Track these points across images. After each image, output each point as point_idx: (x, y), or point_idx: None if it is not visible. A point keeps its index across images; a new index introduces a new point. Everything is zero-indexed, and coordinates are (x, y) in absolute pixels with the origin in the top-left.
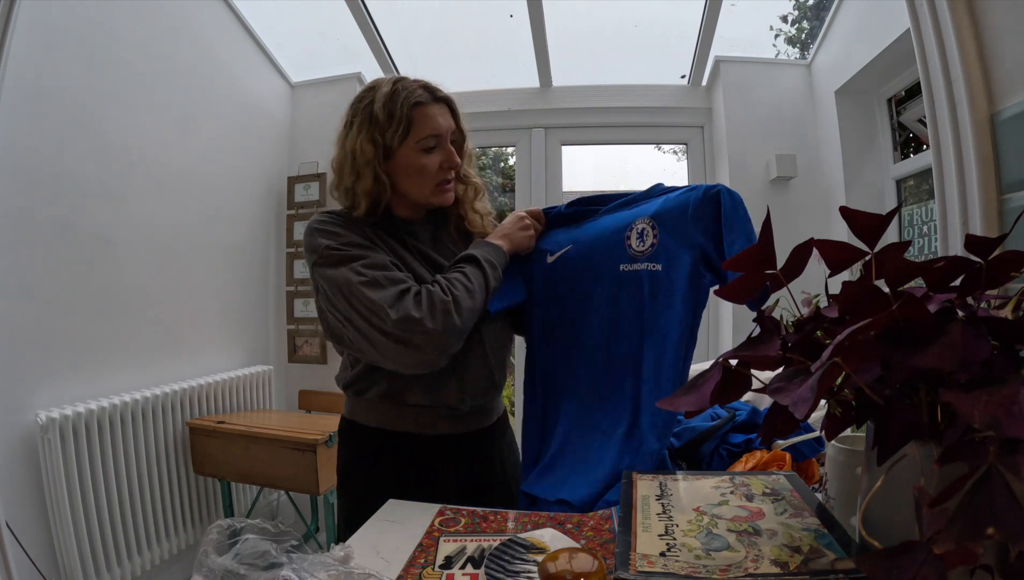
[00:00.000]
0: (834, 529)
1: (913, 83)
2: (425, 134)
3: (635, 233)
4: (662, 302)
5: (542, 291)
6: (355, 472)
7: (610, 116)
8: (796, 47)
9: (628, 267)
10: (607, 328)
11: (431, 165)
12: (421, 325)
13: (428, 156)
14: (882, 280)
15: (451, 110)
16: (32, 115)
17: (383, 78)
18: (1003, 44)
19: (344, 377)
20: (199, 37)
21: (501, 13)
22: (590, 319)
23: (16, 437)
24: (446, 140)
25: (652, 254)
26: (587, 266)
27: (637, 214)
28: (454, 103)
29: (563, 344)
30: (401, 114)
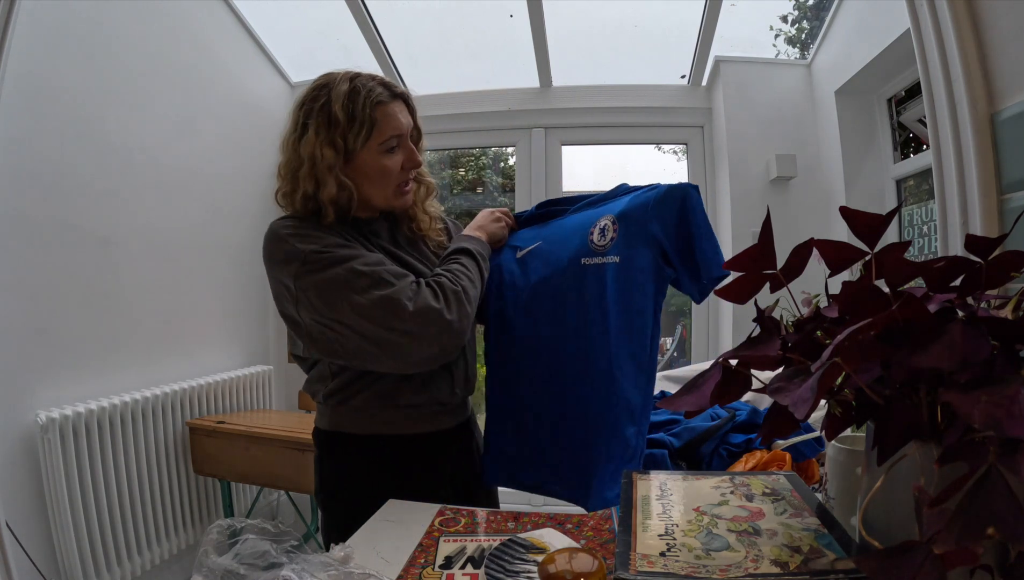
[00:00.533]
0: (834, 529)
1: (913, 83)
2: (388, 135)
3: (598, 229)
4: (622, 293)
5: (509, 284)
6: (346, 484)
7: (610, 116)
8: (796, 47)
9: (589, 260)
10: (568, 318)
11: (393, 166)
12: (441, 316)
13: (390, 157)
14: (882, 280)
15: (408, 106)
16: (32, 115)
17: (335, 74)
18: (1003, 44)
19: (324, 388)
20: (199, 37)
21: (501, 13)
22: (551, 309)
23: (16, 437)
24: (407, 139)
25: (612, 248)
26: (552, 260)
27: (602, 213)
28: (411, 98)
29: (525, 335)
30: (364, 115)
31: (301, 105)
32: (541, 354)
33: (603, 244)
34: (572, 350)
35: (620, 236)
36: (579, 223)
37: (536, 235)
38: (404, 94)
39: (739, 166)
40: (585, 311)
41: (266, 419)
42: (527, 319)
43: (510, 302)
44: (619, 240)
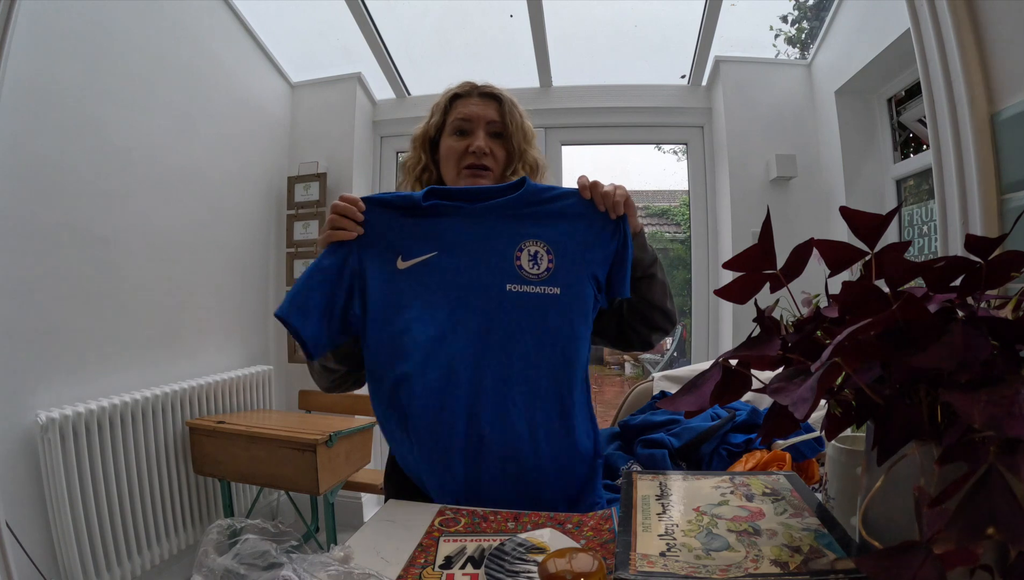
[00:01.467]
0: (834, 529)
1: (913, 83)
2: (454, 118)
3: (526, 254)
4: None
5: (386, 301)
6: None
7: (610, 116)
8: (796, 47)
9: (517, 288)
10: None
11: (457, 147)
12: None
13: (458, 139)
14: (882, 280)
15: (499, 105)
16: (32, 115)
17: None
18: (1003, 44)
19: None
20: (199, 37)
21: (501, 13)
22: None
23: (16, 437)
24: (478, 127)
25: (548, 278)
26: (461, 282)
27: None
28: (505, 99)
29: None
30: (442, 104)
31: None
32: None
33: (537, 273)
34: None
35: (557, 266)
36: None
37: (426, 241)
38: (494, 94)
39: (739, 166)
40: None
41: (266, 419)
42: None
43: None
44: (556, 270)
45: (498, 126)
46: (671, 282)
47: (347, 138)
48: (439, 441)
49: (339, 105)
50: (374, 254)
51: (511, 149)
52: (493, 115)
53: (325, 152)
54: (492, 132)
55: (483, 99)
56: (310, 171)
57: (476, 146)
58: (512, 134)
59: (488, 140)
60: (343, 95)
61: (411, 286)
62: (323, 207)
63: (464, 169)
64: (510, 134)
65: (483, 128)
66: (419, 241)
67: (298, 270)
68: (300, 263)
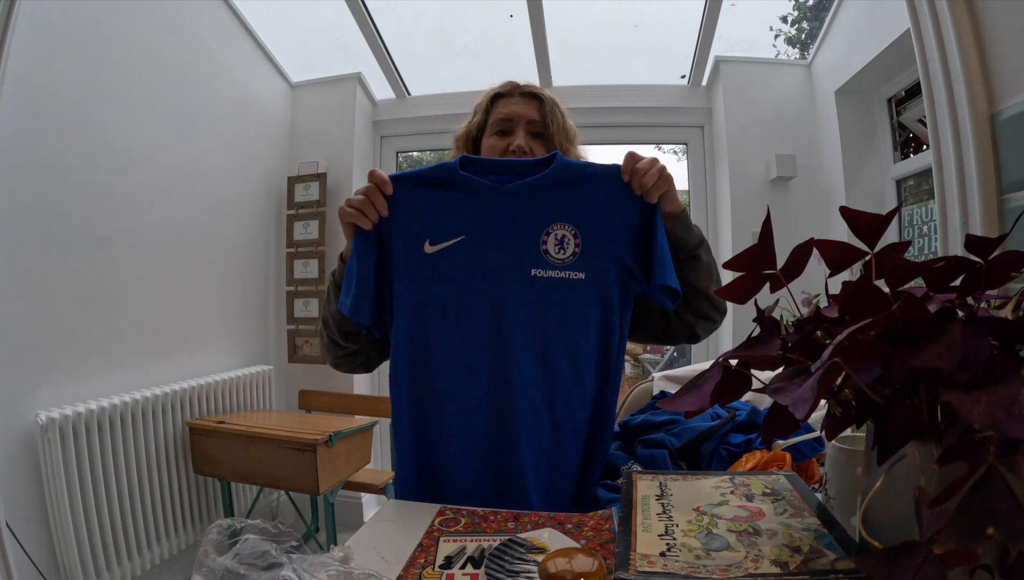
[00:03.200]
0: (834, 529)
1: (913, 83)
2: (495, 118)
3: (553, 238)
4: (586, 310)
5: (414, 287)
6: None
7: (610, 116)
8: (796, 47)
9: (542, 273)
10: (509, 333)
11: (497, 146)
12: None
13: (499, 138)
14: (882, 280)
15: (540, 105)
16: (32, 115)
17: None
18: (1003, 44)
19: None
20: (199, 37)
21: (501, 13)
22: (485, 322)
23: (16, 437)
24: (519, 126)
25: (574, 263)
26: (485, 265)
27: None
28: (547, 99)
29: (447, 349)
30: (483, 104)
31: None
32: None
33: (562, 258)
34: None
35: (583, 250)
36: (522, 224)
37: (455, 225)
38: (535, 93)
39: (739, 166)
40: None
41: (266, 419)
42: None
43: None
44: (582, 255)
45: (539, 126)
46: None
47: (347, 138)
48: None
49: (339, 105)
50: (401, 237)
51: (552, 149)
52: (534, 114)
53: (325, 152)
54: (533, 132)
55: (524, 99)
56: (310, 171)
57: (516, 145)
58: (553, 134)
59: (528, 139)
60: (343, 95)
61: (438, 273)
62: (323, 207)
63: None
64: (551, 134)
65: (524, 127)
66: (448, 222)
67: (298, 270)
68: (300, 263)
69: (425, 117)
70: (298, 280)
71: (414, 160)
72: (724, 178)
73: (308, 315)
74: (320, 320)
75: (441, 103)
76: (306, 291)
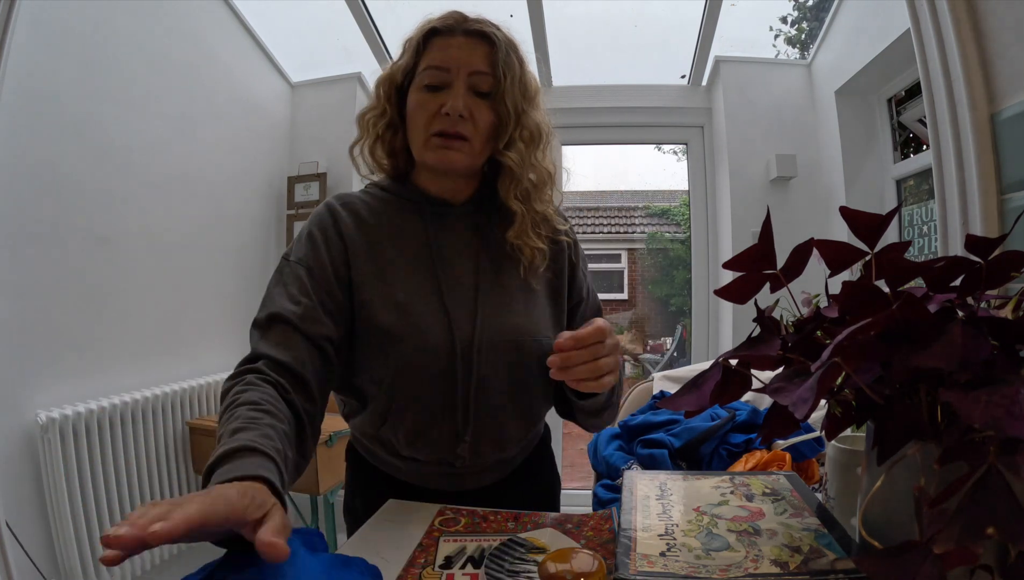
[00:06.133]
0: (834, 529)
1: (913, 83)
2: (425, 65)
3: None
4: None
5: None
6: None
7: (610, 116)
8: (796, 47)
9: None
10: None
11: (428, 105)
12: None
13: (428, 95)
14: (882, 280)
15: (491, 49)
16: (32, 116)
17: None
18: (1003, 44)
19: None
20: (199, 37)
21: (501, 13)
22: None
23: (16, 437)
24: (458, 79)
25: None
26: None
27: None
28: (500, 40)
29: None
30: (415, 43)
31: None
32: None
33: None
34: None
35: None
36: None
37: None
38: (485, 33)
39: (739, 166)
40: None
41: None
42: None
43: None
44: None
45: (486, 80)
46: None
47: (347, 138)
48: None
49: (339, 105)
50: None
51: (503, 111)
52: (480, 64)
53: (325, 152)
54: (476, 88)
55: (469, 39)
56: (310, 171)
57: (450, 106)
58: (505, 91)
59: (469, 98)
60: (343, 95)
61: None
62: None
63: (433, 137)
64: (502, 92)
65: (464, 81)
66: None
67: None
68: None
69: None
70: None
71: None
72: (724, 178)
73: None
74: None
75: None
76: None
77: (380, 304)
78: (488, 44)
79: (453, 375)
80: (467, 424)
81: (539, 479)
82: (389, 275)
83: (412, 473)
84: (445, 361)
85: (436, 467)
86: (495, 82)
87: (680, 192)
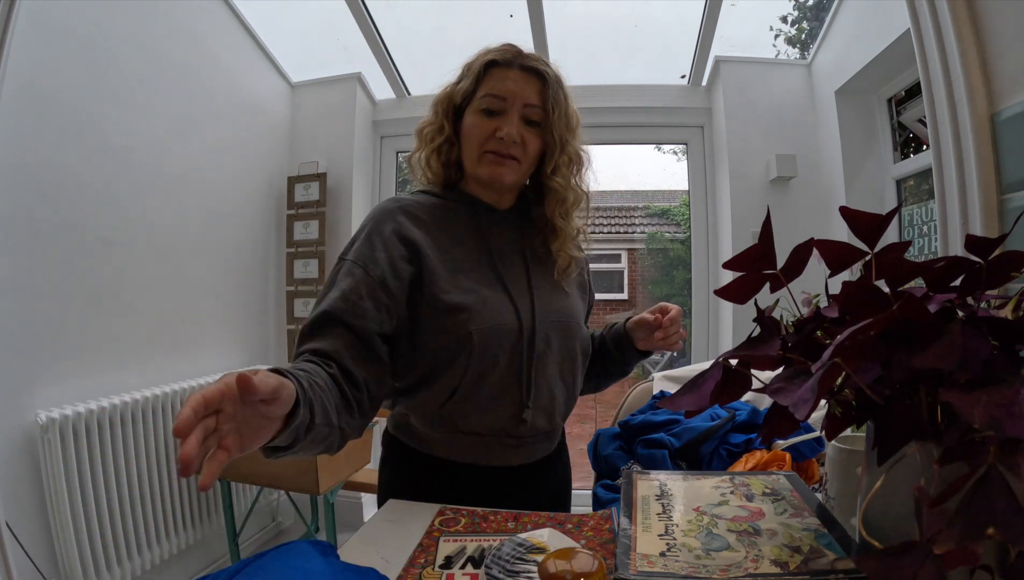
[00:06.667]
0: (834, 529)
1: (913, 83)
2: (485, 92)
3: None
4: None
5: None
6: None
7: (610, 116)
8: (796, 47)
9: None
10: None
11: (484, 127)
12: None
13: (485, 119)
14: (882, 280)
15: (543, 86)
16: (32, 115)
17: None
18: (1003, 44)
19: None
20: (199, 37)
21: (501, 13)
22: None
23: (16, 437)
24: (513, 109)
25: None
26: None
27: None
28: (551, 78)
29: None
30: (475, 69)
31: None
32: None
33: None
34: None
35: None
36: None
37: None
38: (538, 70)
39: (739, 166)
40: None
41: None
42: None
43: None
44: None
45: (536, 112)
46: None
47: (347, 138)
48: None
49: (339, 105)
50: None
51: (550, 141)
52: (533, 97)
53: (325, 152)
54: (528, 118)
55: (525, 74)
56: (310, 171)
57: (505, 133)
58: (553, 123)
59: (521, 127)
60: (343, 95)
61: None
62: (323, 207)
63: (486, 153)
64: (551, 124)
65: (518, 111)
66: None
67: (298, 270)
68: (300, 263)
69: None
70: (298, 280)
71: None
72: (724, 178)
73: (308, 315)
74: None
75: None
76: (306, 291)
77: (455, 291)
78: (540, 80)
79: (520, 351)
80: (529, 394)
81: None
82: (457, 267)
83: (467, 449)
84: (515, 338)
85: (496, 439)
86: (544, 115)
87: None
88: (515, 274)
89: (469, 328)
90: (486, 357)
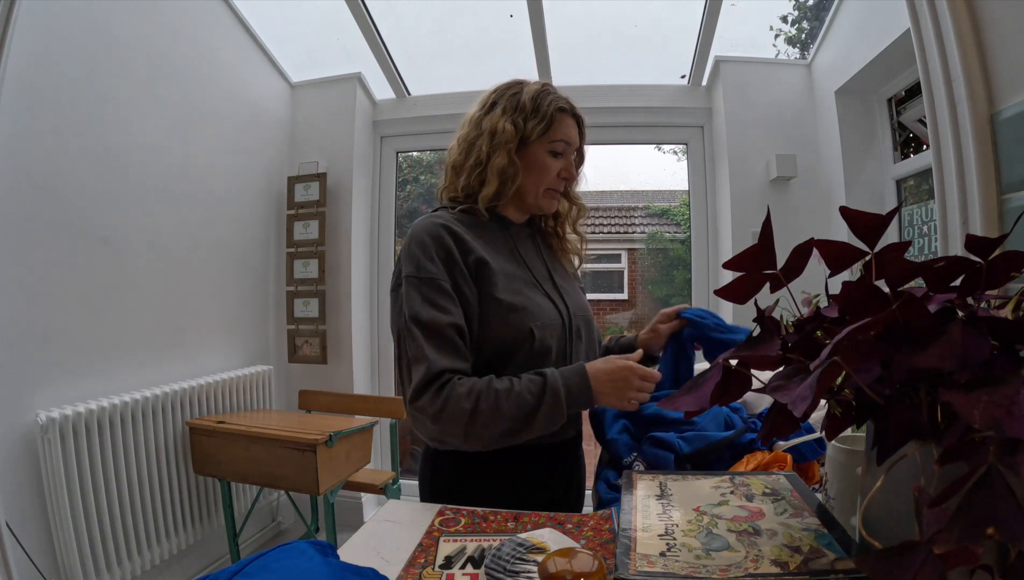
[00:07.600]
0: (834, 529)
1: (913, 83)
2: (558, 137)
3: None
4: None
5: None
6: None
7: (610, 116)
8: (796, 47)
9: None
10: None
11: (552, 167)
12: (423, 422)
13: (553, 159)
14: (882, 280)
15: (580, 129)
16: (32, 115)
17: (530, 80)
18: (1003, 44)
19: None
20: (199, 37)
21: (501, 13)
22: None
23: (16, 437)
24: (571, 152)
25: None
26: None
27: None
28: (584, 125)
29: None
30: (546, 112)
31: (493, 90)
32: None
33: None
34: None
35: None
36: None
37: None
38: (580, 117)
39: (739, 166)
40: None
41: (266, 419)
42: None
43: None
44: None
45: (575, 152)
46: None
47: (347, 138)
48: None
49: (339, 105)
50: None
51: (576, 172)
52: (577, 142)
53: (325, 152)
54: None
55: (575, 121)
56: (310, 171)
57: (570, 174)
58: (582, 160)
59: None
60: (343, 95)
61: None
62: (323, 207)
63: (547, 190)
64: (581, 160)
65: (572, 153)
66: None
67: (298, 270)
68: (300, 263)
69: (425, 117)
70: (298, 280)
71: (414, 160)
72: (724, 178)
73: (308, 315)
74: (495, 417)
75: (441, 103)
76: (306, 291)
77: (511, 295)
78: (579, 126)
79: (565, 341)
80: None
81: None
82: (505, 273)
83: None
84: (561, 329)
85: None
86: (579, 155)
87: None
88: (543, 276)
89: (529, 325)
90: (543, 348)
